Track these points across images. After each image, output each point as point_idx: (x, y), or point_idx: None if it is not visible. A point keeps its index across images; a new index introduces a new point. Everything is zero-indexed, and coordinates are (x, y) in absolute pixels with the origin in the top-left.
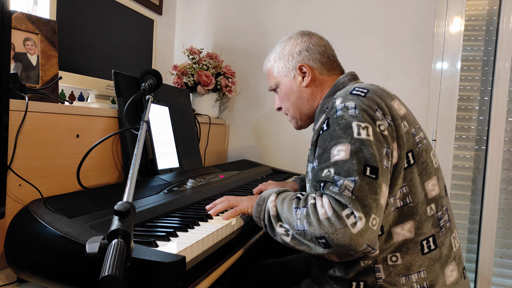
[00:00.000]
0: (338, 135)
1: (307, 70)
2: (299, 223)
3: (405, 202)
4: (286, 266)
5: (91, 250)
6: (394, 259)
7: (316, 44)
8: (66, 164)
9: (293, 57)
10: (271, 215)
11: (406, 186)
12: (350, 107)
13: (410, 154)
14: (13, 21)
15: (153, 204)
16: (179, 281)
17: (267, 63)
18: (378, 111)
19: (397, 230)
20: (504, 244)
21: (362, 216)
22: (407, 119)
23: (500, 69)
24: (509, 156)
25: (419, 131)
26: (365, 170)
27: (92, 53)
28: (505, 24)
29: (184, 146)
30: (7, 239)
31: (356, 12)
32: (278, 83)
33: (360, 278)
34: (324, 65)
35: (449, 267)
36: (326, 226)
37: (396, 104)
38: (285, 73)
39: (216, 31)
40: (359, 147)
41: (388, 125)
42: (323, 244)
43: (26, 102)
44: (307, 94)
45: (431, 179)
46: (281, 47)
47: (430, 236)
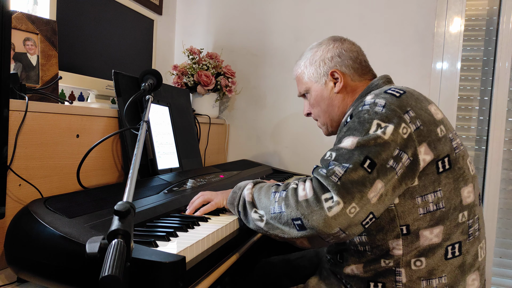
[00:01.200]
0: (355, 127)
1: (339, 76)
2: (277, 205)
3: (438, 207)
4: (290, 265)
5: (91, 250)
6: (419, 263)
7: (348, 50)
8: (66, 164)
9: (324, 62)
10: (247, 201)
11: (441, 190)
12: (379, 104)
13: (447, 159)
14: (13, 21)
15: (153, 204)
16: (179, 281)
17: (297, 69)
18: (408, 114)
19: (426, 234)
20: (504, 244)
21: (341, 202)
22: (445, 124)
23: (500, 69)
24: (509, 156)
25: (456, 136)
26: (364, 162)
27: (92, 53)
28: (505, 24)
29: (184, 146)
30: (7, 239)
31: (356, 11)
32: (308, 89)
33: (379, 279)
34: (356, 71)
35: (471, 275)
36: (304, 207)
37: (433, 108)
38: (316, 79)
39: (216, 30)
40: (367, 141)
41: (414, 130)
42: (297, 226)
43: (26, 102)
44: (338, 101)
45: (467, 186)
46: (312, 52)
47: (457, 242)
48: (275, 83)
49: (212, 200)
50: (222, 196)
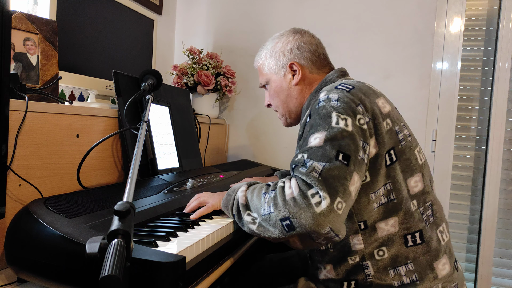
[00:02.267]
0: (317, 123)
1: (298, 68)
2: (266, 206)
3: (389, 199)
4: (286, 265)
5: (91, 250)
6: (381, 253)
7: (307, 42)
8: (66, 164)
9: (284, 54)
10: (240, 203)
11: (390, 183)
12: (332, 98)
13: (393, 152)
14: (13, 21)
15: (153, 204)
16: (179, 281)
17: (258, 59)
18: (360, 106)
19: (382, 226)
20: (504, 244)
21: (327, 196)
22: (391, 117)
23: (500, 69)
24: (509, 156)
25: (403, 128)
26: (338, 156)
27: (92, 53)
28: (505, 24)
29: (184, 146)
30: (7, 239)
31: (356, 11)
32: (268, 80)
33: (351, 277)
34: (314, 63)
35: (440, 261)
36: (291, 206)
37: (381, 102)
38: (275, 71)
39: (216, 31)
40: (334, 135)
41: (368, 121)
42: (286, 227)
43: (26, 102)
44: (296, 92)
45: (414, 176)
46: (272, 44)
47: (417, 231)
48: None
49: (208, 202)
50: (218, 197)
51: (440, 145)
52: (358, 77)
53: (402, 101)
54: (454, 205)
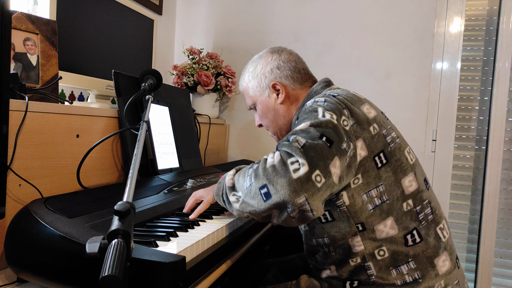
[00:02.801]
0: (303, 118)
1: (280, 87)
2: (248, 179)
3: (382, 200)
4: (286, 265)
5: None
6: (382, 253)
7: (286, 60)
8: (66, 164)
9: (265, 76)
10: (227, 187)
11: (382, 185)
12: (319, 101)
13: (382, 154)
14: (13, 21)
15: (153, 204)
16: (179, 281)
17: (242, 83)
18: (346, 110)
19: (380, 227)
20: (504, 244)
21: (306, 164)
22: (377, 121)
23: (500, 69)
24: (509, 156)
25: (390, 131)
26: (321, 137)
27: (92, 53)
28: (505, 24)
29: (184, 146)
30: (7, 239)
31: (356, 11)
32: (255, 102)
33: (354, 277)
34: (296, 80)
35: (440, 257)
36: (270, 173)
37: (366, 108)
38: (260, 92)
39: (216, 31)
40: (319, 122)
41: (352, 125)
42: (264, 196)
43: (26, 102)
44: (283, 110)
45: (407, 176)
46: (253, 67)
47: (413, 229)
48: None
49: (204, 198)
50: (212, 191)
51: (440, 145)
52: (359, 77)
53: (402, 101)
54: (454, 205)
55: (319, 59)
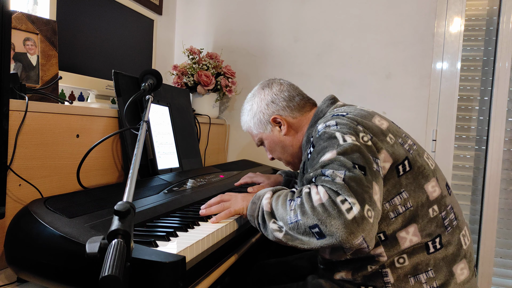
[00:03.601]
0: (324, 146)
1: (281, 120)
2: (293, 214)
3: (406, 207)
4: (288, 266)
5: (91, 250)
6: (402, 261)
7: (278, 92)
8: (66, 164)
9: (263, 112)
10: (265, 211)
11: (404, 191)
12: (331, 124)
13: (407, 162)
14: (13, 21)
15: (153, 204)
16: (179, 281)
17: (243, 124)
18: (360, 126)
19: (402, 235)
20: (505, 244)
21: (356, 202)
22: (392, 132)
23: (500, 69)
24: (509, 156)
25: (406, 139)
26: (354, 166)
27: (92, 53)
28: (505, 24)
29: (184, 146)
30: (7, 239)
31: (356, 11)
32: (261, 138)
33: (369, 283)
34: (293, 109)
35: (458, 265)
36: (320, 213)
37: (377, 120)
38: (263, 129)
39: (216, 30)
40: (345, 149)
41: (370, 138)
42: (316, 234)
43: (26, 102)
44: (289, 141)
45: (430, 181)
46: (249, 106)
47: (437, 236)
48: None
49: (231, 207)
50: (242, 203)
51: (440, 145)
52: (360, 77)
53: (402, 101)
54: None
55: (319, 59)
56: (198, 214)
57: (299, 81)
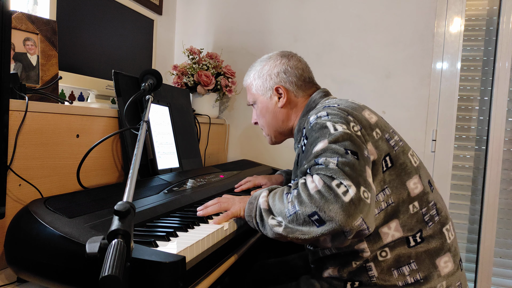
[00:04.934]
0: (316, 137)
1: (283, 92)
2: (291, 206)
3: (388, 203)
4: (287, 265)
5: (91, 250)
6: (384, 254)
7: (294, 67)
8: (66, 164)
9: (271, 77)
10: (263, 209)
11: (388, 188)
12: (322, 115)
13: (388, 158)
14: (13, 21)
15: (153, 204)
16: (179, 281)
17: (246, 79)
18: (350, 116)
19: (384, 230)
20: (504, 244)
21: (352, 185)
22: (379, 126)
23: (500, 69)
24: (509, 156)
25: (393, 134)
26: (347, 152)
27: (92, 53)
28: (505, 24)
29: (184, 146)
30: (7, 239)
31: (356, 11)
32: (255, 100)
33: (355, 278)
34: (300, 87)
35: (442, 258)
36: (317, 199)
37: (367, 113)
38: (262, 92)
39: (216, 31)
40: (336, 138)
41: (360, 129)
42: (316, 222)
43: (26, 102)
44: (282, 115)
45: (412, 178)
46: (260, 66)
47: (418, 231)
48: None
49: (229, 209)
50: (240, 205)
51: (440, 145)
52: (360, 76)
53: (402, 100)
54: (454, 205)
55: (319, 59)
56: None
57: None
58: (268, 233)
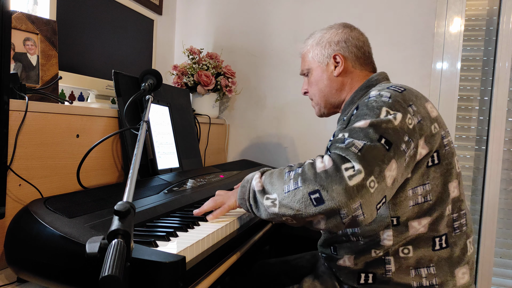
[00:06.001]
0: (364, 113)
1: (341, 60)
2: (292, 182)
3: (425, 199)
4: (288, 265)
5: (91, 250)
6: (406, 251)
7: (355, 37)
8: (66, 164)
9: (330, 45)
10: (257, 191)
11: (429, 184)
12: (384, 95)
13: (436, 154)
14: (13, 21)
15: (153, 204)
16: (179, 281)
17: (303, 47)
18: (411, 107)
19: (414, 224)
20: (504, 244)
21: (362, 171)
22: (438, 122)
23: (500, 69)
24: (509, 156)
25: (448, 134)
26: (380, 139)
27: (92, 53)
28: (505, 24)
29: (184, 146)
30: (7, 239)
31: (356, 11)
32: (310, 68)
33: (370, 269)
34: (358, 59)
35: (461, 269)
36: (322, 178)
37: (429, 106)
38: (319, 60)
39: (216, 30)
40: (380, 122)
41: (417, 122)
42: (315, 201)
43: (26, 102)
44: (336, 84)
45: (453, 181)
46: (321, 34)
47: (443, 234)
48: (275, 84)
49: (225, 203)
50: (233, 197)
51: None
52: None
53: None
54: None
55: None
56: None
57: (300, 81)
58: (262, 215)
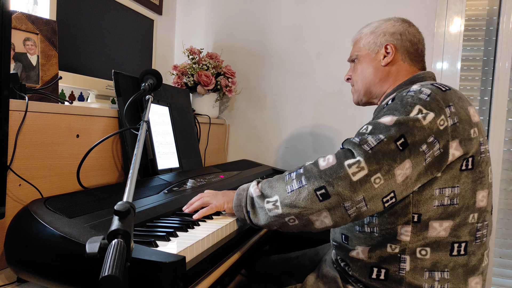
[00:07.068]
0: (396, 108)
1: (392, 50)
2: (295, 182)
3: (452, 202)
4: (290, 263)
5: (91, 250)
6: (424, 253)
7: (411, 33)
8: (66, 164)
9: (384, 35)
10: (255, 196)
11: (458, 187)
12: (424, 92)
13: (471, 159)
14: (13, 21)
15: (153, 204)
16: (179, 281)
17: (357, 34)
18: (449, 108)
19: (435, 225)
20: (504, 244)
21: (366, 168)
22: (479, 127)
23: (500, 69)
24: (509, 156)
25: (486, 142)
26: (399, 140)
27: (92, 53)
28: (505, 24)
29: (184, 146)
30: (7, 239)
31: (356, 11)
32: (358, 54)
33: (383, 265)
34: (409, 54)
35: (474, 278)
36: (328, 174)
37: (472, 110)
38: (370, 47)
39: (216, 30)
40: (407, 121)
41: (452, 124)
42: (321, 196)
43: (26, 102)
44: (381, 73)
45: (483, 191)
46: (377, 23)
47: (464, 241)
48: (275, 83)
49: (212, 203)
50: (223, 198)
51: None
52: None
53: None
54: None
55: (319, 58)
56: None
57: (300, 80)
58: (260, 220)
